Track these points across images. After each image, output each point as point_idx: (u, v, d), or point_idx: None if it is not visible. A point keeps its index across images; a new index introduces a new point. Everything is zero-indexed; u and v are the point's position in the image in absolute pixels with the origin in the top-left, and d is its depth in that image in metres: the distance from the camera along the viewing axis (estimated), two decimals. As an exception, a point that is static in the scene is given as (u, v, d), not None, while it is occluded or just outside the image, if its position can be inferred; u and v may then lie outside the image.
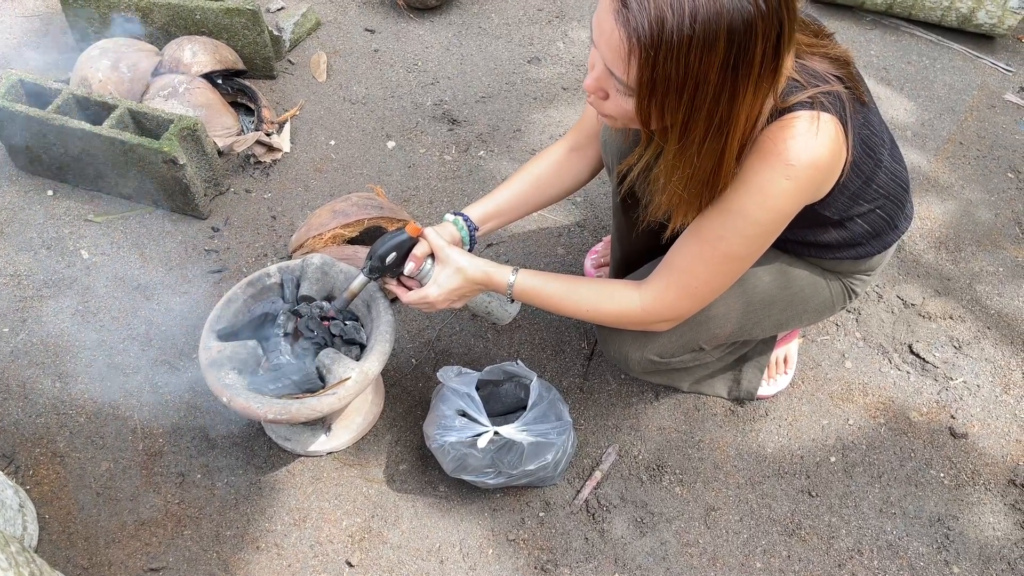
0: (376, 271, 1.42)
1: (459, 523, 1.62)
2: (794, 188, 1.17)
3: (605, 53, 1.04)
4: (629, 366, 1.57)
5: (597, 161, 1.61)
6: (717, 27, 0.95)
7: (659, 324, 1.40)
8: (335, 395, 1.45)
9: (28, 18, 2.75)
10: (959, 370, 1.87)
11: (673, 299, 1.34)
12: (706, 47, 0.96)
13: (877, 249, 1.44)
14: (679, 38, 0.95)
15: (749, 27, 0.96)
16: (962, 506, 1.66)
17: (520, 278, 1.41)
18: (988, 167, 2.36)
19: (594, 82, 1.12)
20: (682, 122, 1.05)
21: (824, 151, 1.15)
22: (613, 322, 1.43)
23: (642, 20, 0.96)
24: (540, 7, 2.88)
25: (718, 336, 1.52)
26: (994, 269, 2.08)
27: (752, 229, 1.23)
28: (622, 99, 1.09)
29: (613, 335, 1.55)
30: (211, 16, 2.39)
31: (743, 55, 0.98)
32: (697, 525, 1.63)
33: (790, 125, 1.13)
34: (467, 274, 1.40)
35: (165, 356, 1.86)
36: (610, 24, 1.00)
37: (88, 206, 2.17)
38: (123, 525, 1.60)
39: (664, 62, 0.98)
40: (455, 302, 1.45)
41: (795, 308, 1.52)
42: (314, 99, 2.51)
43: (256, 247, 2.09)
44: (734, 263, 1.29)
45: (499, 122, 2.45)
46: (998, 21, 2.63)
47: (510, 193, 1.57)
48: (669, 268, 1.34)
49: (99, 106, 2.10)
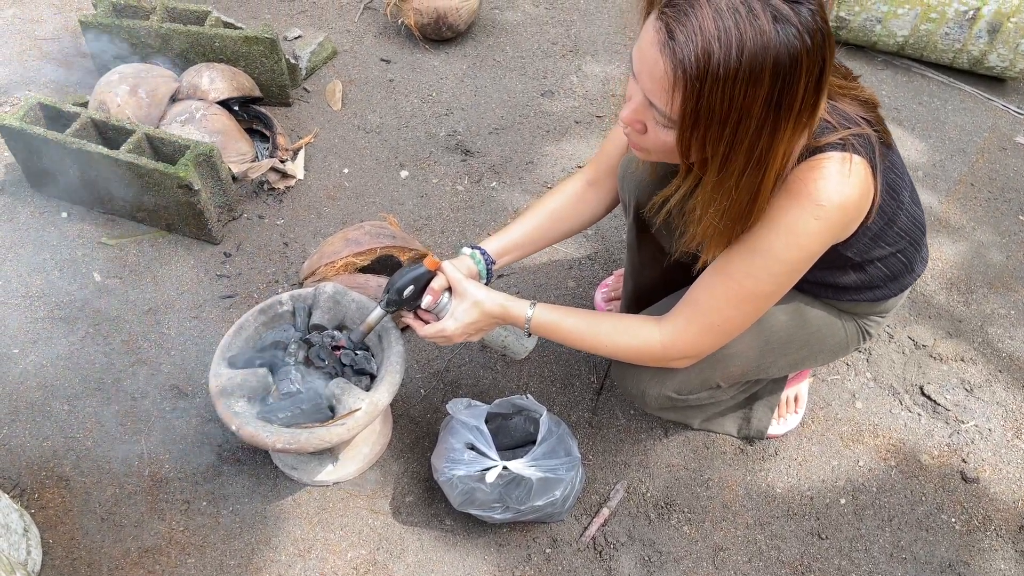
0: (393, 304, 1.43)
1: (465, 557, 1.61)
2: (822, 228, 1.17)
3: (647, 84, 1.04)
4: (646, 402, 1.55)
5: (614, 196, 1.61)
6: (763, 61, 0.95)
7: (678, 361, 1.39)
8: (344, 426, 1.44)
9: (47, 41, 2.79)
10: (970, 413, 1.86)
11: (694, 336, 1.33)
12: (752, 81, 0.96)
13: (894, 292, 1.44)
14: (725, 71, 0.96)
15: (794, 62, 0.97)
16: (973, 552, 1.64)
17: (538, 312, 1.40)
18: (999, 209, 2.36)
19: (632, 114, 1.12)
20: (723, 154, 1.05)
21: (854, 193, 1.15)
22: (632, 358, 1.41)
23: (689, 52, 0.96)
24: (554, 41, 2.91)
25: (735, 374, 1.51)
26: (1006, 312, 2.08)
27: (778, 268, 1.23)
28: (661, 131, 1.09)
29: (630, 370, 1.54)
30: (230, 44, 2.41)
31: (787, 90, 0.98)
32: (705, 565, 1.61)
33: (821, 166, 1.14)
34: (484, 308, 1.40)
35: (174, 381, 1.86)
36: (654, 55, 1.00)
37: (102, 229, 2.18)
38: (127, 552, 1.59)
39: (709, 94, 0.98)
40: (471, 335, 1.45)
41: (811, 348, 1.51)
42: (329, 127, 2.53)
43: (268, 273, 2.10)
44: (757, 301, 1.29)
45: (512, 154, 2.47)
46: (1009, 64, 2.65)
47: (527, 227, 1.57)
48: (691, 304, 1.33)
49: (116, 130, 2.12)
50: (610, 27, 2.99)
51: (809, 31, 0.97)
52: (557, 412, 1.83)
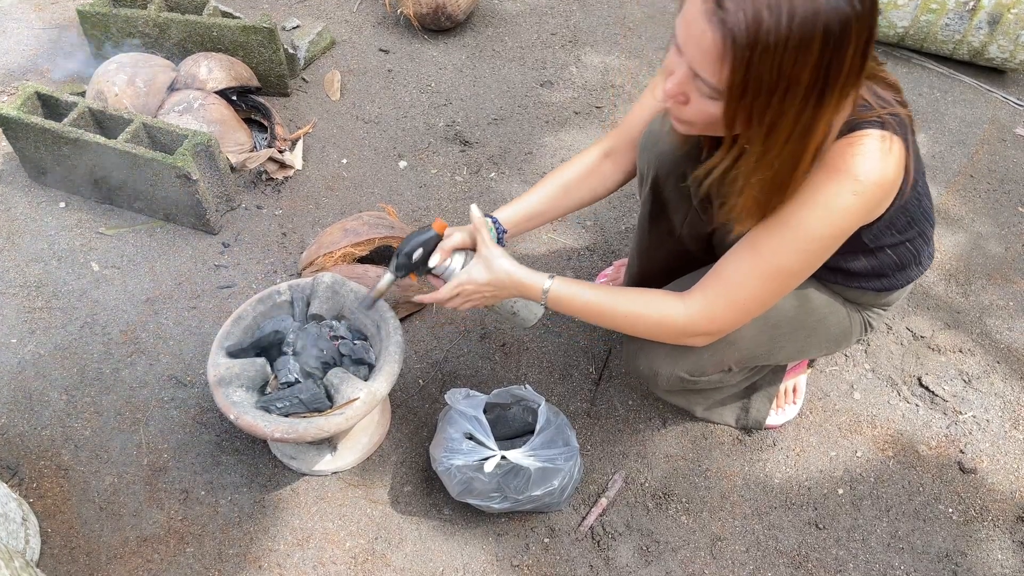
0: (403, 268, 1.41)
1: (463, 547, 1.61)
2: (858, 205, 1.16)
3: (693, 55, 1.03)
4: (657, 383, 1.54)
5: (629, 168, 1.59)
6: (814, 27, 0.94)
7: (698, 338, 1.37)
8: (343, 415, 1.44)
9: (45, 30, 2.78)
10: (968, 404, 1.86)
11: (719, 311, 1.31)
12: (802, 48, 0.95)
13: (900, 283, 1.43)
14: (776, 38, 0.94)
15: (845, 28, 0.95)
16: (970, 542, 1.64)
17: (556, 284, 1.38)
18: (998, 201, 2.36)
19: (675, 86, 1.10)
20: (769, 124, 1.03)
21: (891, 172, 1.14)
22: (651, 331, 1.38)
23: (738, 20, 0.95)
24: (554, 31, 2.90)
25: (746, 357, 1.50)
26: (1004, 303, 2.08)
27: (809, 244, 1.21)
28: (705, 102, 1.08)
29: (644, 350, 1.52)
30: (228, 33, 2.40)
31: (836, 56, 0.97)
32: (703, 555, 1.61)
33: (860, 142, 1.12)
34: (504, 270, 1.38)
35: (173, 371, 1.86)
36: (701, 26, 0.99)
37: (100, 219, 2.18)
38: (125, 541, 1.59)
39: (759, 63, 0.96)
40: (487, 299, 1.43)
41: (818, 335, 1.51)
42: (327, 117, 2.52)
43: (266, 264, 2.09)
44: (785, 279, 1.27)
45: (510, 144, 2.46)
46: (1010, 55, 2.64)
47: (539, 197, 1.56)
48: (717, 279, 1.31)
49: (114, 120, 2.11)
50: (609, 17, 2.98)
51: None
52: (556, 402, 1.83)
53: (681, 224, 1.55)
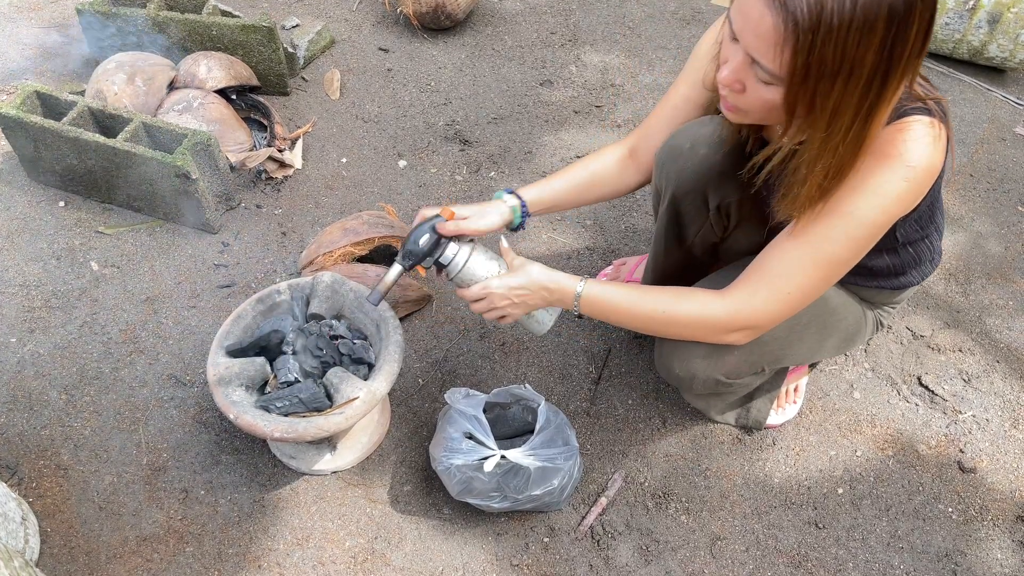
0: (410, 256, 1.38)
1: (463, 546, 1.61)
2: (909, 191, 1.13)
3: (751, 41, 1.01)
4: (692, 386, 1.50)
5: (648, 174, 1.57)
6: (878, 8, 0.92)
7: (740, 333, 1.32)
8: (342, 415, 1.44)
9: (44, 29, 2.78)
10: (968, 403, 1.86)
11: (762, 304, 1.27)
12: (866, 29, 0.93)
13: (915, 280, 1.43)
14: (840, 20, 0.92)
15: (909, 7, 0.93)
16: (970, 542, 1.64)
17: (588, 287, 1.34)
18: (998, 200, 2.36)
19: (732, 74, 1.08)
20: (832, 108, 1.01)
21: (938, 158, 1.13)
22: (690, 330, 1.34)
23: (800, 3, 0.93)
24: (553, 30, 2.90)
25: (776, 357, 1.47)
26: (1004, 302, 2.08)
27: (859, 231, 1.17)
28: (763, 89, 1.06)
29: (679, 351, 1.47)
30: (227, 32, 2.40)
31: (900, 36, 0.95)
32: (702, 554, 1.61)
33: (910, 127, 1.10)
34: (533, 276, 1.35)
35: (172, 371, 1.85)
36: (759, 10, 0.97)
37: (99, 218, 2.18)
38: (125, 540, 1.59)
39: (822, 47, 0.94)
40: (516, 305, 1.38)
41: (837, 333, 1.50)
42: (327, 116, 2.52)
43: (266, 263, 2.09)
44: (831, 267, 1.23)
45: (510, 144, 2.46)
46: (1009, 55, 2.64)
47: (567, 183, 1.53)
48: (759, 271, 1.27)
49: (113, 119, 2.11)
50: (609, 16, 2.98)
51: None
52: (555, 402, 1.83)
53: (695, 236, 1.55)
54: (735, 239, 1.54)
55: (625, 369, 1.90)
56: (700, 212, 1.49)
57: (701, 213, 1.49)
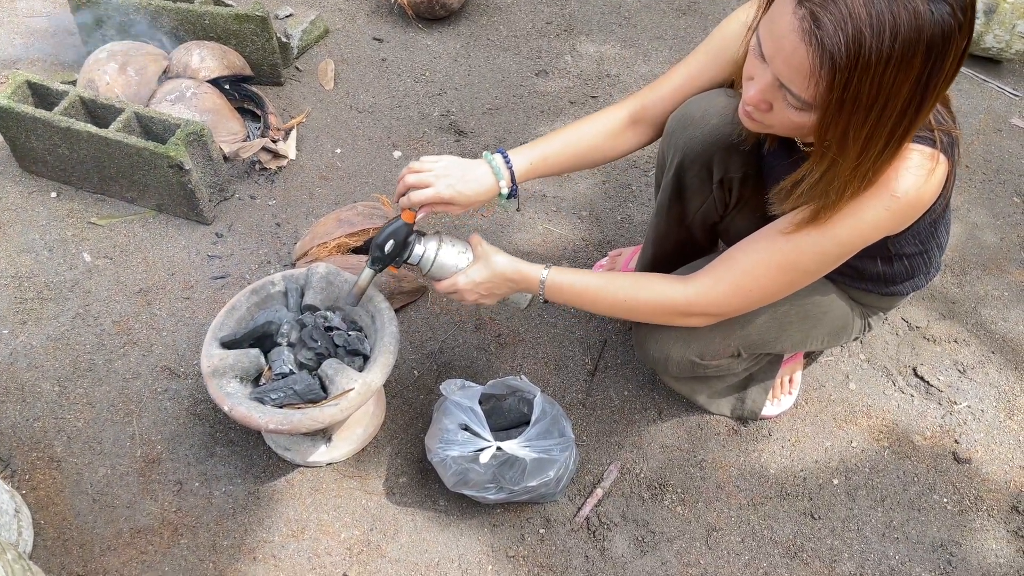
0: (378, 261, 1.43)
1: (459, 538, 1.61)
2: (887, 219, 1.14)
3: (782, 70, 1.00)
4: (667, 367, 1.54)
5: (649, 139, 1.55)
6: (916, 45, 0.91)
7: (698, 318, 1.36)
8: (337, 406, 1.43)
9: (36, 19, 2.75)
10: (963, 394, 1.87)
11: (722, 294, 1.30)
12: (903, 64, 0.92)
13: (906, 291, 1.44)
14: (877, 57, 0.91)
15: (947, 40, 0.92)
16: (965, 532, 1.65)
17: (552, 274, 1.38)
18: (994, 191, 2.36)
19: (759, 94, 1.07)
20: (865, 137, 1.01)
21: (929, 192, 1.12)
22: (652, 311, 1.37)
23: (838, 41, 0.91)
24: (549, 20, 2.88)
25: (755, 342, 1.49)
26: (999, 293, 2.08)
27: (831, 248, 1.20)
28: (792, 112, 1.05)
29: (654, 334, 1.51)
30: (220, 22, 2.38)
31: (936, 67, 0.94)
32: (698, 545, 1.61)
33: (906, 156, 1.10)
34: (496, 268, 1.39)
35: (166, 362, 1.84)
36: (794, 43, 0.96)
37: (92, 209, 2.16)
38: (119, 532, 1.59)
39: (858, 82, 0.93)
40: (485, 297, 1.43)
41: (822, 326, 1.51)
42: (321, 107, 2.51)
43: (260, 254, 2.08)
44: (798, 276, 1.26)
45: (506, 134, 2.45)
46: (1005, 45, 2.64)
47: (560, 145, 1.48)
48: (727, 263, 1.30)
49: (105, 109, 2.09)
50: (605, 6, 2.97)
51: (962, 7, 0.92)
52: (551, 393, 1.83)
53: (695, 212, 1.54)
54: (733, 222, 1.54)
55: (621, 360, 1.89)
56: (704, 184, 1.48)
57: (705, 186, 1.48)
